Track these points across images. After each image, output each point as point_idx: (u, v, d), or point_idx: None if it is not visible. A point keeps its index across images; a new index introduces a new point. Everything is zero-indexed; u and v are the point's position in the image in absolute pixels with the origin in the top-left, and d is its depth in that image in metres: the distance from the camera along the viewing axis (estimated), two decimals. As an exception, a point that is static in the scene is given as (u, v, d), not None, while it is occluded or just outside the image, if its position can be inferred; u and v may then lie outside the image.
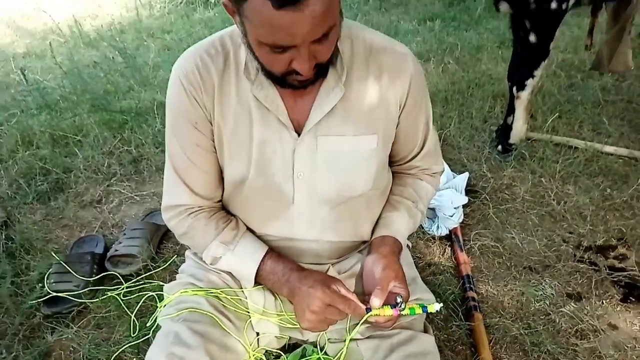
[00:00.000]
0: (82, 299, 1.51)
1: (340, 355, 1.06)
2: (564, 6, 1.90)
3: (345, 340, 1.06)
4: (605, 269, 1.67)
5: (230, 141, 1.03)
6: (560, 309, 1.52)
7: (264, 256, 1.08)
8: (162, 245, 1.81)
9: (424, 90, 1.11)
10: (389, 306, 0.99)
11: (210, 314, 1.06)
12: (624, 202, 1.98)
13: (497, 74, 3.07)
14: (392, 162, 1.20)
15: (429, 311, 1.03)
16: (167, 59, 3.86)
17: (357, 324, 1.03)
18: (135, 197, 2.09)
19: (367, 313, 0.97)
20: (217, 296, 1.11)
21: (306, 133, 1.01)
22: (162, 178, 1.13)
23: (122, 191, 2.12)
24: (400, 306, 0.98)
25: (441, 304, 1.04)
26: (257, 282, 1.11)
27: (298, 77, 0.88)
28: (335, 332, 1.11)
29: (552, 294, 1.58)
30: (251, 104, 1.00)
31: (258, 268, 1.08)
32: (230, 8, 0.85)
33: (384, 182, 1.16)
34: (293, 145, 1.02)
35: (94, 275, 1.59)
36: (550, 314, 1.51)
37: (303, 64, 0.84)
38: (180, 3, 5.38)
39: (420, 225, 1.81)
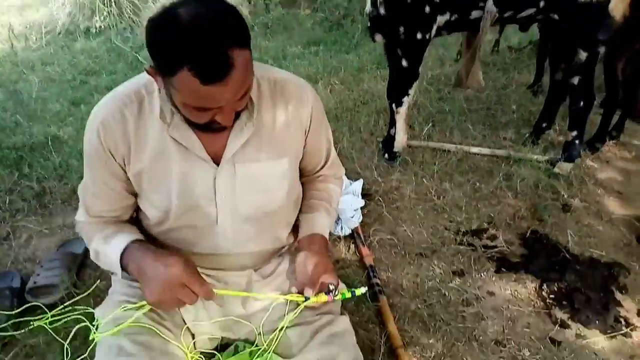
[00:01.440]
0: (7, 331, 1.50)
1: (271, 343, 1.19)
2: (427, 36, 2.25)
3: (274, 330, 1.19)
4: (481, 248, 2.00)
5: (150, 177, 1.14)
6: (448, 284, 1.81)
7: (131, 243, 1.13)
8: (81, 272, 1.83)
9: (323, 113, 1.30)
10: (323, 293, 1.16)
11: (148, 326, 1.14)
12: (491, 192, 2.34)
13: (378, 92, 3.40)
14: (303, 174, 1.37)
15: (357, 294, 1.21)
16: (53, 91, 3.75)
17: (288, 314, 1.18)
18: (44, 230, 2.08)
19: (305, 301, 1.15)
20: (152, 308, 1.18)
21: (225, 162, 1.13)
22: (70, 210, 1.20)
23: (30, 226, 2.09)
24: (334, 293, 1.16)
25: (366, 288, 1.25)
26: (128, 272, 1.13)
27: (219, 125, 1.01)
28: (265, 324, 1.23)
29: (441, 273, 1.86)
30: (168, 143, 1.11)
31: (123, 254, 1.12)
32: (153, 73, 0.98)
33: (295, 193, 1.33)
34: (213, 174, 1.14)
35: (15, 309, 1.58)
36: (440, 289, 1.79)
37: (226, 118, 0.99)
38: (59, 34, 5.19)
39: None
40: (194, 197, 1.15)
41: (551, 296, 1.77)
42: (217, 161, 1.14)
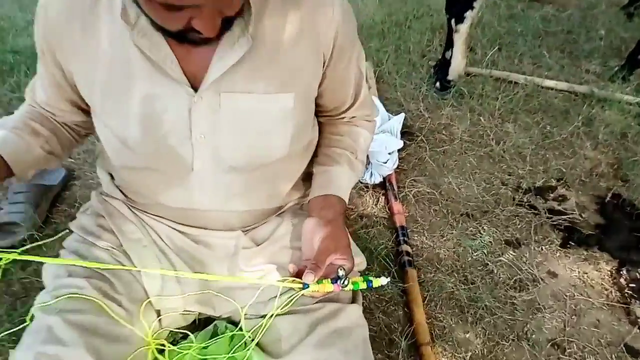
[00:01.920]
0: (-48, 278, 1.27)
1: (257, 332, 0.91)
2: None
3: (262, 317, 0.91)
4: (545, 213, 1.60)
5: (104, 94, 0.85)
6: (499, 259, 1.44)
7: None
8: (55, 209, 1.56)
9: (354, 34, 0.93)
10: (329, 280, 0.85)
11: (94, 299, 0.87)
12: (564, 139, 1.91)
13: (436, 5, 2.91)
14: (321, 113, 1.04)
15: (374, 286, 0.89)
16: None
17: (276, 297, 0.88)
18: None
19: (304, 289, 0.83)
20: (104, 275, 0.92)
21: (205, 89, 0.81)
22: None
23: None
24: (343, 282, 0.84)
25: (388, 279, 0.91)
26: None
27: (199, 35, 0.70)
28: (252, 307, 0.94)
29: (490, 242, 1.49)
30: (130, 53, 0.80)
31: None
32: None
33: (305, 140, 0.99)
34: (189, 103, 0.83)
35: (-31, 249, 1.34)
36: (488, 264, 1.42)
37: (207, 24, 0.67)
38: None
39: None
40: (161, 130, 0.85)
41: (631, 285, 1.39)
42: (195, 86, 0.82)
